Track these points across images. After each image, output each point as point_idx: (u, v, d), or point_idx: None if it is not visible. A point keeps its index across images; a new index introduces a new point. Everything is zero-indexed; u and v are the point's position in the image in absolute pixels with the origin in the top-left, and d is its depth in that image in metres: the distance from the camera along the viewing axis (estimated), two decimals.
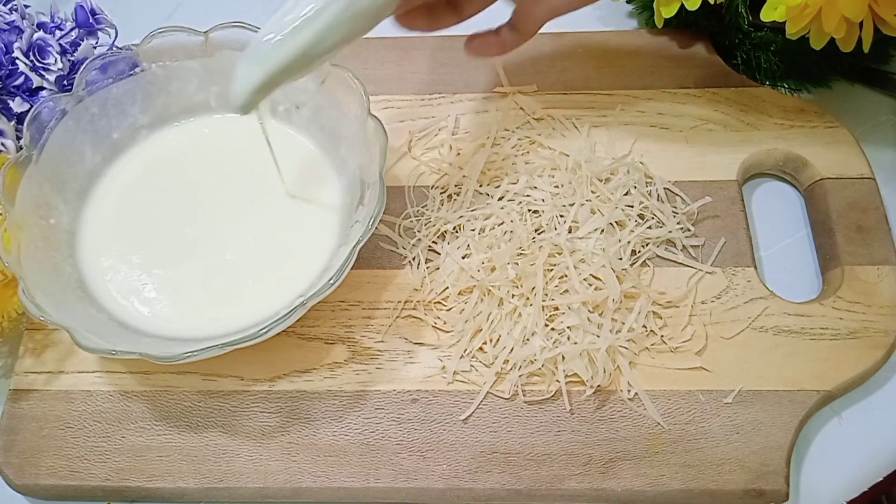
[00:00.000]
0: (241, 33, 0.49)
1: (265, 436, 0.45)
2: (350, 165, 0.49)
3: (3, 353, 0.49)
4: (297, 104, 0.51)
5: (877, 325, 0.46)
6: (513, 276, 0.46)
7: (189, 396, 0.46)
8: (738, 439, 0.43)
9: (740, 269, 0.48)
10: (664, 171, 0.51)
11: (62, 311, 0.43)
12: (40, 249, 0.46)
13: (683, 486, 0.42)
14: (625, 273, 0.47)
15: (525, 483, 0.43)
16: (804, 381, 0.44)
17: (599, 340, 0.44)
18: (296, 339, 0.47)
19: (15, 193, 0.45)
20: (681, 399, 0.44)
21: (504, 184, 0.50)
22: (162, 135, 0.53)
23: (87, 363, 0.47)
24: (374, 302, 0.48)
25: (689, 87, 0.54)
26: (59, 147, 0.48)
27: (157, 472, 0.44)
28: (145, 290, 0.47)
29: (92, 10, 0.54)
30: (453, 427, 0.44)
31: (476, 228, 0.49)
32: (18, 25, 0.51)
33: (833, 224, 0.49)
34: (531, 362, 0.45)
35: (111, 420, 0.46)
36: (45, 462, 0.45)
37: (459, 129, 0.54)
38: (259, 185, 0.51)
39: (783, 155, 0.52)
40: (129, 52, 0.50)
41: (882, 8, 0.49)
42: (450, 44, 0.57)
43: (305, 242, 0.48)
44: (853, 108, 0.56)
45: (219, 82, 0.52)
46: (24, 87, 0.51)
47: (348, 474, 0.44)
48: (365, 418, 0.45)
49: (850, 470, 0.44)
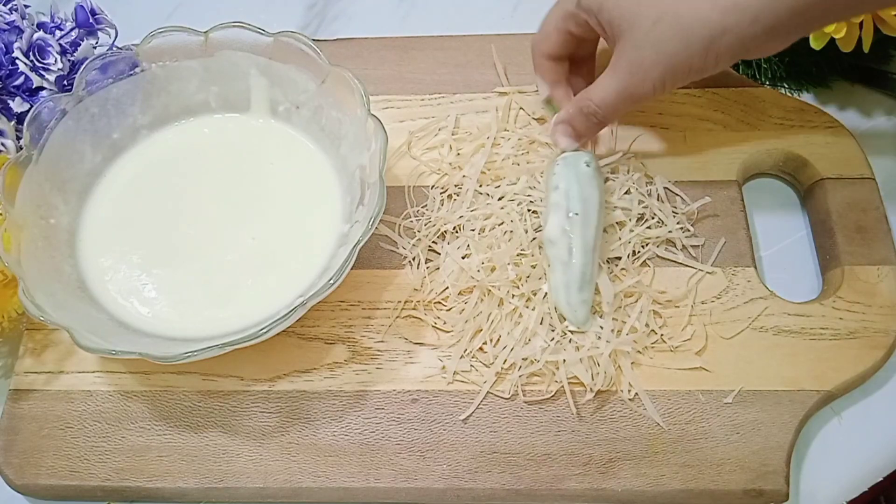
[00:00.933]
0: (241, 33, 0.49)
1: (265, 436, 0.45)
2: (350, 165, 0.49)
3: (3, 353, 0.50)
4: (297, 104, 0.51)
5: (877, 325, 0.46)
6: (513, 277, 0.46)
7: (189, 396, 0.46)
8: (738, 439, 0.43)
9: (740, 269, 0.48)
10: (664, 171, 0.51)
11: (62, 311, 0.43)
12: (40, 249, 0.46)
13: (683, 486, 0.42)
14: (624, 273, 0.47)
15: (525, 483, 0.43)
16: (804, 381, 0.44)
17: (602, 344, 0.44)
18: (296, 339, 0.47)
19: (15, 193, 0.45)
20: (681, 399, 0.44)
21: (504, 184, 0.50)
22: (162, 135, 0.53)
23: (87, 363, 0.47)
24: (374, 302, 0.48)
25: (688, 87, 0.54)
26: (59, 147, 0.48)
27: (157, 472, 0.44)
28: (145, 290, 0.47)
29: (92, 10, 0.54)
30: (453, 427, 0.44)
31: (476, 228, 0.49)
32: (18, 25, 0.51)
33: (833, 224, 0.49)
34: (532, 362, 0.45)
35: (111, 420, 0.46)
36: (45, 462, 0.45)
37: (459, 129, 0.54)
38: (259, 185, 0.51)
39: (783, 155, 0.52)
40: (129, 52, 0.50)
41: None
42: (450, 44, 0.57)
43: (305, 242, 0.48)
44: (853, 108, 0.56)
45: (219, 82, 0.52)
46: (24, 87, 0.51)
47: (348, 474, 0.44)
48: (365, 418, 0.45)
49: (849, 470, 0.44)
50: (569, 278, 0.45)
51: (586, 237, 0.45)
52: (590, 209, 0.45)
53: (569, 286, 0.45)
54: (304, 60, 0.49)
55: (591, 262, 0.45)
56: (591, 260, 0.45)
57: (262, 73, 0.51)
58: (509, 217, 0.48)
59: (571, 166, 0.46)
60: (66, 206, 0.49)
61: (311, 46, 0.49)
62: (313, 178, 0.50)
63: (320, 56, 0.48)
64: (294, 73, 0.50)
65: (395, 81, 0.56)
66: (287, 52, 0.49)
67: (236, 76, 0.51)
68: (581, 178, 0.46)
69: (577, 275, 0.44)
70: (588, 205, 0.45)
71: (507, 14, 0.62)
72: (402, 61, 0.57)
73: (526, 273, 0.46)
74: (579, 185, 0.46)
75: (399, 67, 0.57)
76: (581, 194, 0.45)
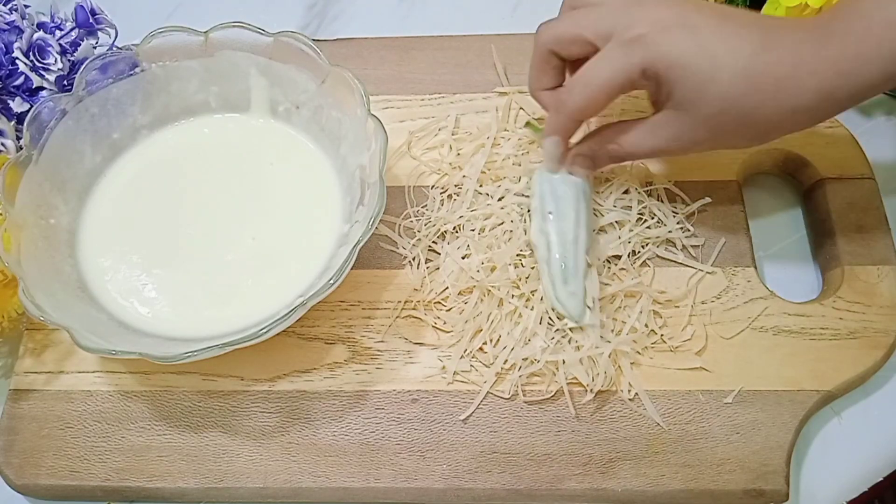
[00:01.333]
0: (241, 33, 0.49)
1: (265, 436, 0.45)
2: (350, 165, 0.49)
3: (3, 353, 0.49)
4: (297, 104, 0.51)
5: (877, 325, 0.46)
6: (513, 277, 0.46)
7: (189, 396, 0.46)
8: (738, 439, 0.43)
9: (740, 269, 0.48)
10: (664, 171, 0.51)
11: (62, 311, 0.43)
12: (40, 249, 0.46)
13: (683, 486, 0.42)
14: (624, 272, 0.47)
15: (525, 483, 0.43)
16: (804, 381, 0.44)
17: (602, 343, 0.44)
18: (296, 339, 0.47)
19: (15, 193, 0.45)
20: (681, 399, 0.44)
21: (504, 184, 0.50)
22: (162, 135, 0.53)
23: (87, 363, 0.47)
24: (374, 302, 0.48)
25: None
26: (59, 147, 0.48)
27: (157, 472, 0.44)
28: (145, 290, 0.47)
29: (92, 10, 0.54)
30: (453, 427, 0.44)
31: (476, 228, 0.49)
32: (18, 25, 0.51)
33: (833, 224, 0.49)
34: (532, 362, 0.45)
35: (111, 420, 0.46)
36: (45, 462, 0.45)
37: (459, 129, 0.54)
38: (259, 185, 0.51)
39: (783, 155, 0.52)
40: (129, 52, 0.50)
41: None
42: (450, 44, 0.57)
43: (305, 242, 0.48)
44: (853, 107, 0.55)
45: (219, 82, 0.52)
46: (24, 87, 0.51)
47: (348, 474, 0.44)
48: (365, 418, 0.45)
49: (849, 470, 0.44)
50: (552, 273, 0.45)
51: (562, 230, 0.45)
52: (563, 206, 0.46)
53: (553, 281, 0.45)
54: (304, 60, 0.49)
55: (570, 254, 0.45)
56: (572, 252, 0.45)
57: (262, 73, 0.51)
58: (509, 217, 0.48)
59: (545, 173, 0.47)
60: (66, 206, 0.49)
61: (311, 46, 0.49)
62: (313, 178, 0.50)
63: (320, 56, 0.48)
64: (294, 73, 0.50)
65: (395, 81, 0.56)
66: (287, 52, 0.49)
67: (236, 76, 0.51)
68: (554, 180, 0.47)
69: (557, 267, 0.45)
70: (561, 202, 0.46)
71: (507, 14, 0.61)
72: (402, 61, 0.57)
73: (526, 273, 0.46)
74: (552, 186, 0.47)
75: (399, 67, 0.57)
76: (554, 193, 0.46)
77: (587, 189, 0.47)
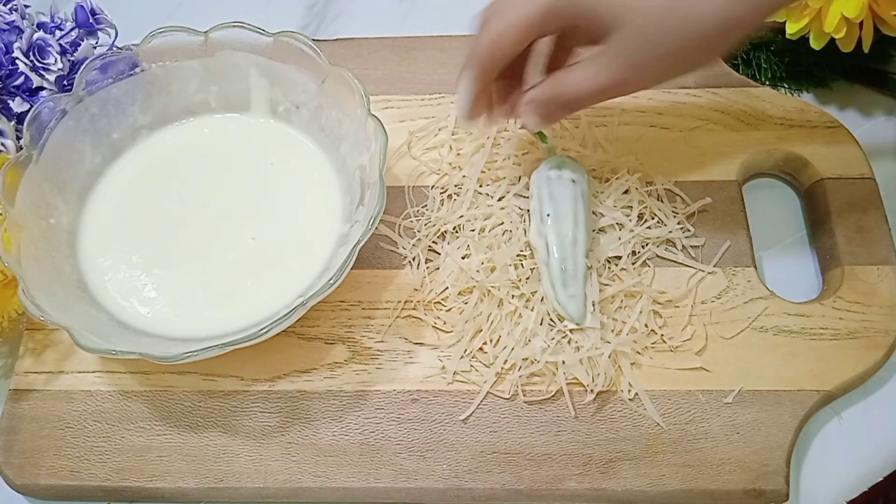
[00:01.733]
0: (241, 33, 0.49)
1: (265, 436, 0.45)
2: (350, 165, 0.49)
3: (3, 353, 0.50)
4: (297, 104, 0.51)
5: (877, 325, 0.46)
6: (513, 277, 0.46)
7: (189, 396, 0.46)
8: (738, 439, 0.43)
9: (740, 269, 0.48)
10: (664, 171, 0.51)
11: (62, 311, 0.43)
12: (40, 249, 0.46)
13: (683, 486, 0.42)
14: (624, 273, 0.47)
15: (525, 483, 0.43)
16: (804, 381, 0.44)
17: (602, 343, 0.44)
18: (296, 339, 0.47)
19: (15, 193, 0.45)
20: (681, 399, 0.44)
21: (504, 184, 0.50)
22: (162, 135, 0.53)
23: (87, 363, 0.47)
24: (374, 302, 0.48)
25: (688, 88, 0.54)
26: (59, 147, 0.48)
27: (157, 472, 0.44)
28: (145, 290, 0.47)
29: (92, 10, 0.54)
30: (453, 427, 0.44)
31: (476, 229, 0.49)
32: (18, 25, 0.51)
33: (833, 224, 0.49)
34: (532, 363, 0.45)
35: (111, 420, 0.46)
36: (45, 462, 0.45)
37: (459, 129, 0.54)
38: (259, 185, 0.51)
39: (783, 155, 0.52)
40: (129, 52, 0.50)
41: (882, 8, 0.49)
42: (450, 44, 0.57)
43: (305, 242, 0.48)
44: (853, 108, 0.56)
45: (219, 82, 0.52)
46: (24, 87, 0.51)
47: (348, 474, 0.44)
48: (365, 418, 0.45)
49: (849, 470, 0.44)
50: (552, 276, 0.45)
51: (560, 232, 0.45)
52: (560, 207, 0.46)
53: (554, 284, 0.45)
54: (304, 60, 0.49)
55: (569, 256, 0.45)
56: (571, 254, 0.45)
57: (262, 73, 0.51)
58: (509, 217, 0.48)
59: (542, 175, 0.48)
60: (66, 206, 0.49)
61: (311, 46, 0.49)
62: (313, 178, 0.50)
63: (320, 56, 0.48)
64: (294, 73, 0.50)
65: (395, 81, 0.56)
66: (287, 52, 0.49)
67: (236, 76, 0.51)
68: (550, 181, 0.47)
69: (556, 270, 0.45)
70: (558, 203, 0.46)
71: None
72: (402, 61, 0.57)
73: (526, 274, 0.47)
74: (549, 187, 0.47)
75: (399, 67, 0.57)
76: (550, 195, 0.46)
77: (585, 189, 0.47)
